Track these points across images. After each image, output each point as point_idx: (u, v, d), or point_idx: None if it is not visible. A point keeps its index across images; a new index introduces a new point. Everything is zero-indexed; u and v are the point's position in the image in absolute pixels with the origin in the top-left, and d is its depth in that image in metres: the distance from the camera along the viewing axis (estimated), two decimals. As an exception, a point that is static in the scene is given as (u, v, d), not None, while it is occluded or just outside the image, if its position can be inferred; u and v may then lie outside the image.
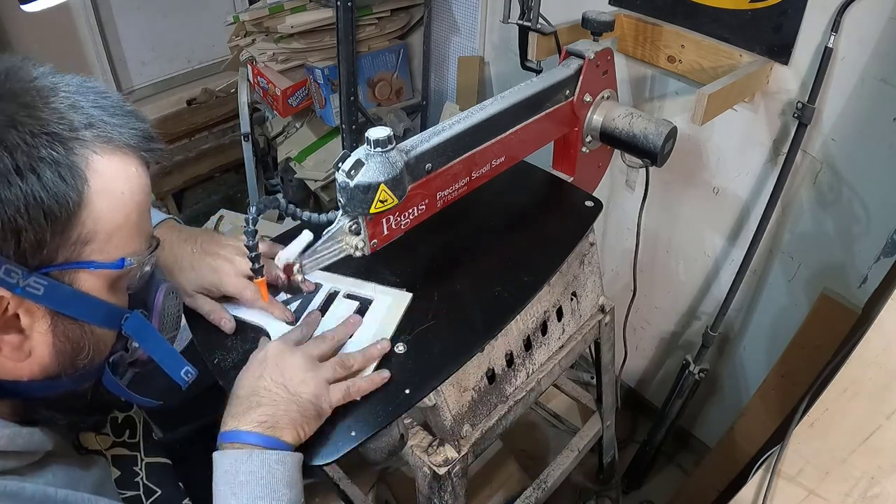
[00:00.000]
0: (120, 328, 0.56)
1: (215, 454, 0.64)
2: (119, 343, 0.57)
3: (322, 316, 0.84)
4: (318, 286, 0.88)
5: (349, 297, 0.87)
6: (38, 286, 0.48)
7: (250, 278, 0.79)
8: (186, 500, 0.73)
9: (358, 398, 0.73)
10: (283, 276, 0.72)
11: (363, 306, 0.86)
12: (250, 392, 0.67)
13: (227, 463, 0.63)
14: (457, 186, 0.86)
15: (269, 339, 0.79)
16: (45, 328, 0.50)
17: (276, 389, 0.67)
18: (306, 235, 0.72)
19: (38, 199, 0.45)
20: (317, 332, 0.80)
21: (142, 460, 0.70)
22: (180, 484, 0.74)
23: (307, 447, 0.70)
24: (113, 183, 0.50)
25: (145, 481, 0.69)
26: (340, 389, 0.71)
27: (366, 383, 0.73)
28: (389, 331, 0.82)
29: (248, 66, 2.15)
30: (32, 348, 0.51)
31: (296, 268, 0.72)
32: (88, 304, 0.52)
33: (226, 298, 0.82)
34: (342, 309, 0.86)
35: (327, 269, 0.80)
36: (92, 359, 0.55)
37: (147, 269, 0.58)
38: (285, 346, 0.72)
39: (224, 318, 0.80)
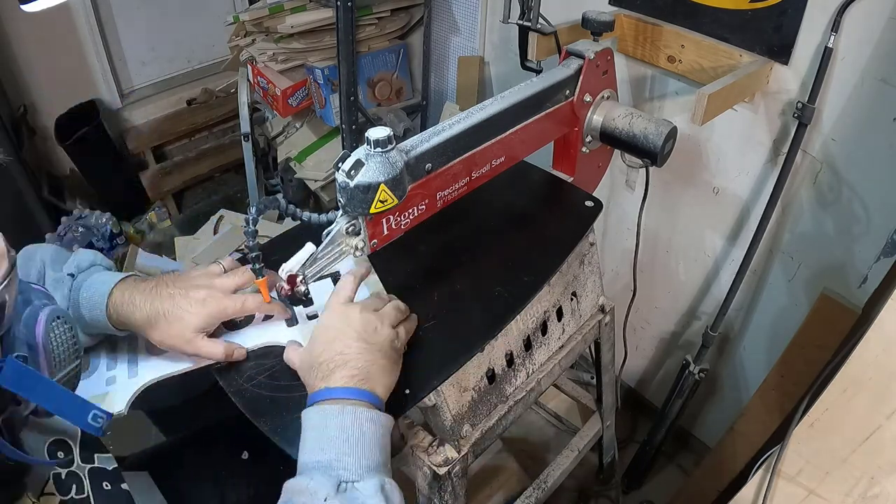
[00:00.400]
0: None
1: (304, 411, 0.62)
2: (3, 398, 0.48)
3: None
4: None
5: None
6: None
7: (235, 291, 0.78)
8: None
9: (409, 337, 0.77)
10: (286, 286, 0.73)
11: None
12: (331, 355, 0.66)
13: (316, 418, 0.61)
14: (457, 186, 0.86)
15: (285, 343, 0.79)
16: None
17: (356, 344, 0.67)
18: (309, 247, 0.73)
19: None
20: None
21: None
22: None
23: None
24: None
25: None
26: (404, 330, 0.74)
27: (412, 323, 0.78)
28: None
29: (248, 66, 2.15)
30: None
31: (299, 279, 0.73)
32: None
33: (224, 325, 0.79)
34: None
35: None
36: None
37: (6, 296, 0.47)
38: (342, 305, 0.73)
39: (234, 350, 0.75)
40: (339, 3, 1.71)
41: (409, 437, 0.92)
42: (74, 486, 0.62)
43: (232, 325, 0.80)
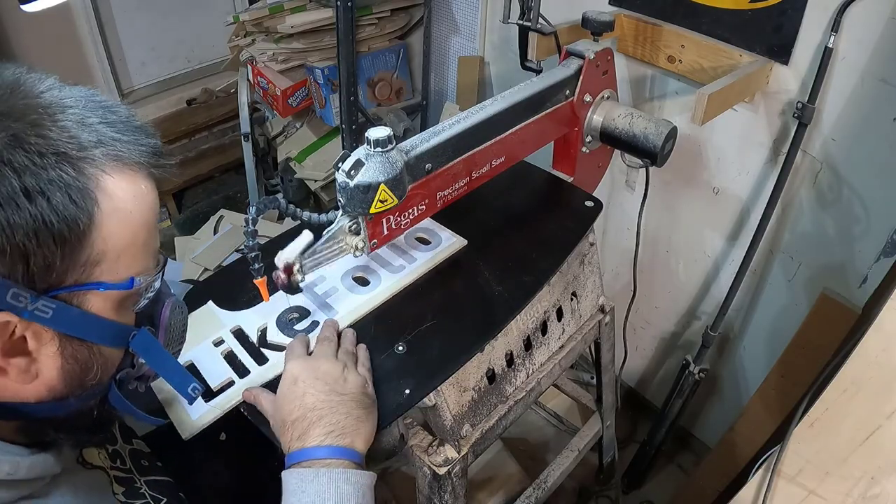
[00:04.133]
0: (127, 346, 0.55)
1: (283, 473, 0.63)
2: (126, 360, 0.56)
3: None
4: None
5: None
6: (47, 310, 0.46)
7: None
8: None
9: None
10: (282, 275, 0.72)
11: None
12: (304, 412, 0.65)
13: (293, 482, 0.61)
14: (457, 186, 0.86)
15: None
16: (54, 351, 0.49)
17: (328, 397, 0.66)
18: (306, 235, 0.73)
19: (48, 223, 0.44)
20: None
21: (139, 479, 0.70)
22: (181, 494, 0.74)
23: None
24: (122, 203, 0.49)
25: (150, 492, 0.69)
26: (364, 370, 0.74)
27: (364, 357, 0.77)
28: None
29: (248, 66, 2.15)
30: (39, 371, 0.50)
31: (296, 268, 0.73)
32: (97, 325, 0.51)
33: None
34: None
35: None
36: (100, 378, 0.54)
37: (155, 286, 0.57)
38: (304, 360, 0.72)
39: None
40: (339, 3, 1.71)
41: (409, 437, 0.92)
42: (119, 460, 0.69)
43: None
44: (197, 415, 0.73)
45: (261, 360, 0.79)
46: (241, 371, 0.78)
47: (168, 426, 0.73)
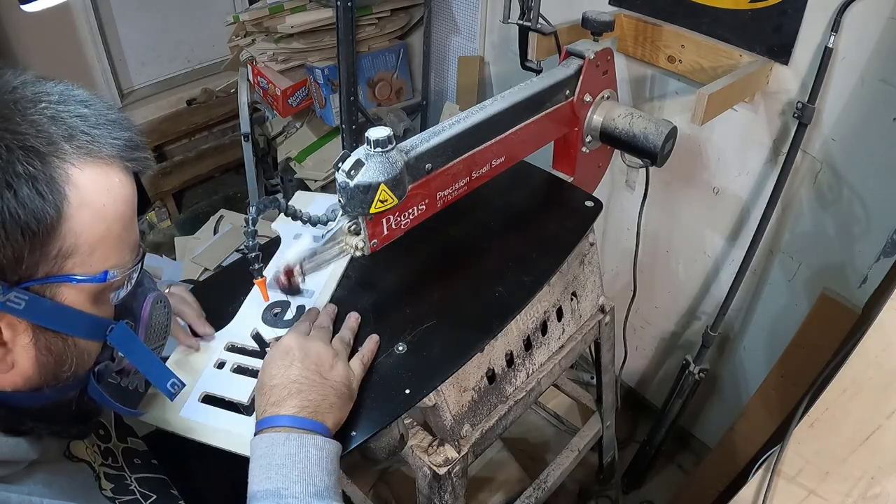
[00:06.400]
0: (105, 339, 0.55)
1: (252, 439, 0.64)
2: (105, 353, 0.57)
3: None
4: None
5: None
6: (19, 301, 0.47)
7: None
8: None
9: (370, 364, 0.77)
10: (283, 278, 0.73)
11: None
12: (286, 381, 0.67)
13: (262, 446, 0.63)
14: (457, 186, 0.86)
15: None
16: (28, 342, 0.50)
17: (312, 377, 0.68)
18: (307, 239, 0.73)
19: (15, 216, 0.44)
20: None
21: (129, 476, 0.70)
22: (173, 491, 0.74)
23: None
24: (94, 196, 0.49)
25: (139, 489, 0.69)
26: (359, 363, 0.75)
27: (368, 350, 0.77)
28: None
29: (248, 66, 2.15)
30: (15, 361, 0.50)
31: (296, 270, 0.73)
32: (71, 317, 0.51)
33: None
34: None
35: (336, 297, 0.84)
36: (75, 370, 0.54)
37: (133, 279, 0.57)
38: (302, 336, 0.73)
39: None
40: (339, 3, 1.71)
41: (409, 437, 0.92)
42: (111, 458, 0.69)
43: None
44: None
45: None
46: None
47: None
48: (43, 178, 0.46)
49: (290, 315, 0.84)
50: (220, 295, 0.89)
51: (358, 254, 0.78)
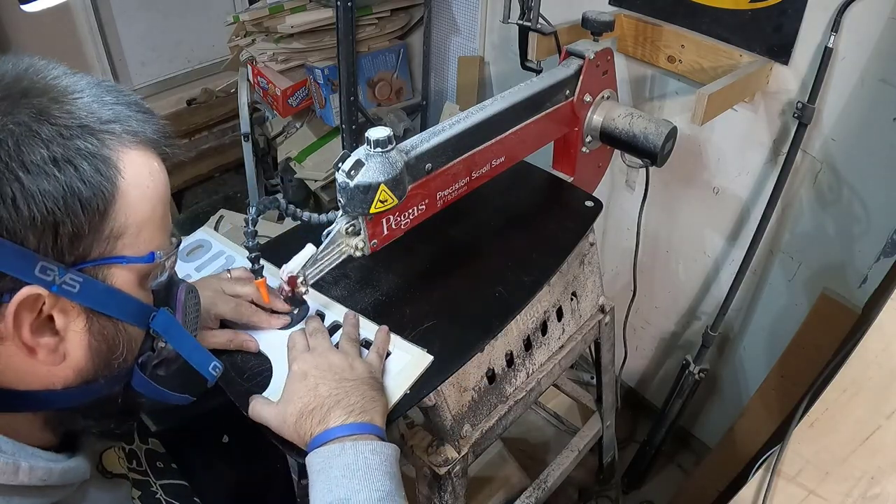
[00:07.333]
0: (149, 326, 0.56)
1: (308, 457, 0.63)
2: (146, 343, 0.57)
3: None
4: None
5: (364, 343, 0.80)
6: (74, 283, 0.47)
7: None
8: None
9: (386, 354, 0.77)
10: (286, 287, 0.73)
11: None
12: (321, 400, 0.66)
13: (319, 462, 0.62)
14: (457, 186, 0.86)
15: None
16: (81, 327, 0.50)
17: (340, 385, 0.67)
18: (309, 248, 0.73)
19: (77, 190, 0.45)
20: None
21: (155, 483, 0.70)
22: (196, 499, 0.74)
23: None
24: (140, 177, 0.50)
25: (165, 497, 0.69)
26: (375, 356, 0.75)
27: (381, 340, 0.78)
28: (402, 389, 0.75)
29: (248, 66, 2.15)
30: (67, 351, 0.50)
31: (299, 280, 0.73)
32: (122, 300, 0.52)
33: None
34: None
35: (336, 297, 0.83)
36: (126, 358, 0.54)
37: (170, 263, 0.58)
38: (310, 355, 0.72)
39: (244, 339, 0.79)
40: (339, 3, 1.71)
41: (409, 437, 0.92)
42: (135, 461, 0.69)
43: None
44: None
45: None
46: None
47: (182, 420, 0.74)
48: (100, 155, 0.47)
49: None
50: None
51: (358, 254, 0.78)
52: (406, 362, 0.78)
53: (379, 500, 0.60)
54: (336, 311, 0.84)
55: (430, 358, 0.77)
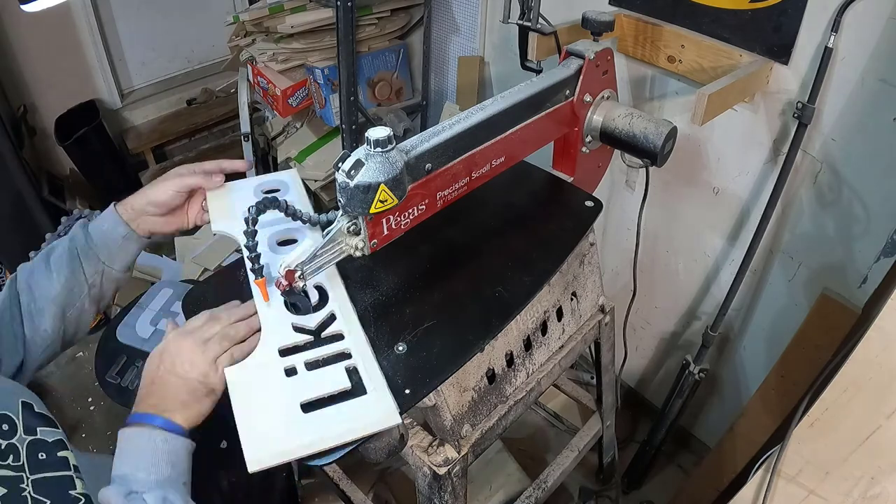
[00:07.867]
0: None
1: (119, 431, 0.72)
2: None
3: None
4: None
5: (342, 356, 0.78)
6: None
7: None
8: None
9: (243, 359, 0.76)
10: (284, 281, 0.73)
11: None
12: (150, 380, 0.75)
13: (122, 439, 0.72)
14: (457, 186, 0.86)
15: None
16: None
17: (167, 377, 0.74)
18: (308, 242, 0.73)
19: None
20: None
21: (27, 478, 0.71)
22: (70, 492, 0.73)
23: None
24: None
25: (33, 494, 0.70)
26: (225, 358, 0.76)
27: (246, 344, 0.78)
28: (342, 439, 0.69)
29: (248, 66, 2.15)
30: None
31: (297, 274, 0.73)
32: None
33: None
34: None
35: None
36: None
37: None
38: (179, 334, 0.77)
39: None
40: (339, 3, 1.71)
41: (409, 437, 0.92)
42: (11, 456, 0.71)
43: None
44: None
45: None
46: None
47: None
48: None
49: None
50: (220, 295, 0.89)
51: (358, 254, 0.78)
52: (367, 411, 0.71)
53: (156, 483, 0.68)
54: (338, 304, 0.83)
55: (398, 421, 0.70)
